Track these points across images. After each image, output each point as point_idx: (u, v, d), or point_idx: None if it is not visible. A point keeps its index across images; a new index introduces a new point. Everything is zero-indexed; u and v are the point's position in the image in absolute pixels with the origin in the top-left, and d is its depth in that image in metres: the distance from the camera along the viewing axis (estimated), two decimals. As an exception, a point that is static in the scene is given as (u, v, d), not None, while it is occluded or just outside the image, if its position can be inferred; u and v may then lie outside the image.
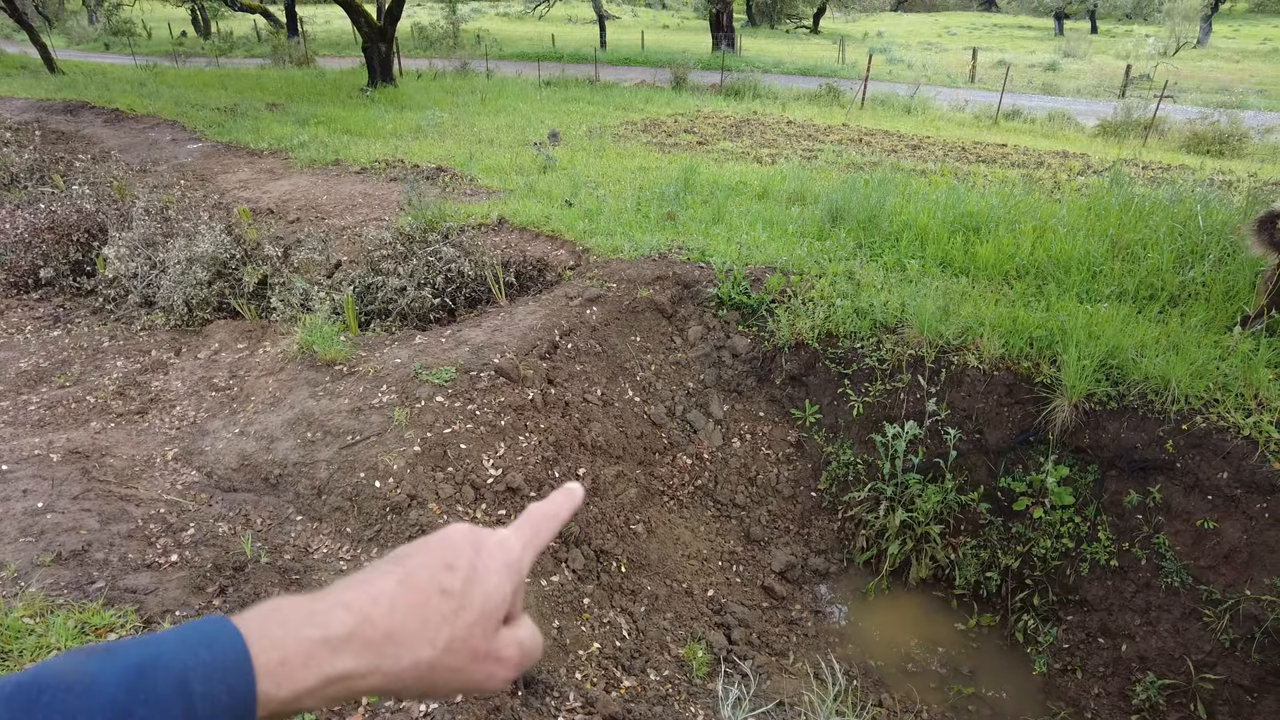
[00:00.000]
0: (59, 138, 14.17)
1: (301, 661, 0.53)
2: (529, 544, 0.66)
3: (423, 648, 0.57)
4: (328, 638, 0.54)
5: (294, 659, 0.53)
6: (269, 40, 31.06)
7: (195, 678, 0.50)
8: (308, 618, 0.55)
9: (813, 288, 6.53)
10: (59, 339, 7.29)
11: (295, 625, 0.54)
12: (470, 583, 0.60)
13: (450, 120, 14.79)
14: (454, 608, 0.59)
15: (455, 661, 0.59)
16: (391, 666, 0.56)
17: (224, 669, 0.51)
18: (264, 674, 0.52)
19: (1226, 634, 4.43)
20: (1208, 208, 7.01)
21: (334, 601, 0.56)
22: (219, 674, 0.51)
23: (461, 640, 0.59)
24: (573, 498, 0.71)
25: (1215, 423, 4.77)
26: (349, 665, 0.55)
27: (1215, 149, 14.64)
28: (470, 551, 0.62)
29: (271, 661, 0.52)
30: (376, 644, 0.56)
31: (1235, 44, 37.63)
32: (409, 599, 0.58)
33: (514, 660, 0.63)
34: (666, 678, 4.31)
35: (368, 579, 0.59)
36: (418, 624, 0.57)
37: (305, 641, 0.54)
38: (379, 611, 0.56)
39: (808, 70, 25.16)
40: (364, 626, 0.56)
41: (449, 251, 7.34)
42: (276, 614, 0.55)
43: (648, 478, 5.80)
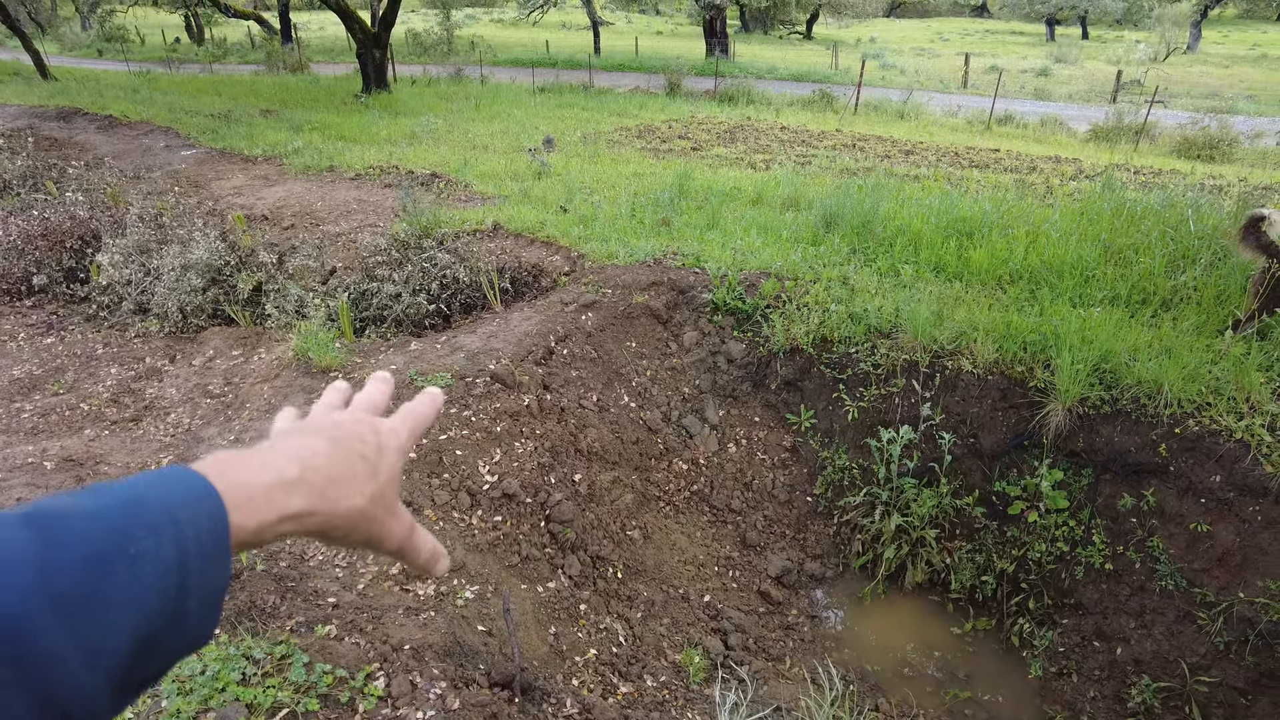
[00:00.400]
0: (52, 144, 14.14)
1: (264, 499, 0.61)
2: (412, 434, 0.78)
3: (355, 497, 0.67)
4: (282, 480, 0.62)
5: (257, 497, 0.60)
6: (263, 46, 31.05)
7: (179, 508, 0.55)
8: (262, 465, 0.63)
9: (807, 293, 6.55)
10: (52, 346, 7.27)
11: (253, 471, 0.62)
12: (379, 453, 0.71)
13: (445, 126, 14.80)
14: (371, 470, 0.70)
15: (374, 512, 0.69)
16: (331, 509, 0.65)
17: (200, 501, 0.57)
18: (233, 508, 0.58)
19: (1221, 637, 4.45)
20: (1199, 212, 7.06)
21: (280, 452, 0.65)
22: (198, 505, 0.57)
23: (379, 497, 0.70)
24: (436, 401, 0.83)
25: (1208, 426, 4.80)
26: (300, 504, 0.63)
27: (1206, 154, 14.74)
28: (373, 432, 0.73)
29: (239, 499, 0.59)
30: (320, 488, 0.65)
31: (1225, 49, 37.92)
32: (340, 456, 0.68)
33: (408, 525, 0.74)
34: (663, 683, 4.31)
35: (296, 441, 0.67)
36: (349, 476, 0.67)
37: (264, 483, 0.61)
38: (319, 462, 0.66)
39: (801, 76, 25.25)
40: (308, 473, 0.64)
41: (444, 258, 7.35)
42: (230, 463, 0.62)
43: (644, 483, 5.80)
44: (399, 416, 0.78)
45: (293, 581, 4.03)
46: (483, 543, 4.57)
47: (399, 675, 3.29)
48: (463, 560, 4.32)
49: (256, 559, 4.11)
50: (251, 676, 3.12)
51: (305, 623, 3.57)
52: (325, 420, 0.73)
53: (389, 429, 0.75)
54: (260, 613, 3.64)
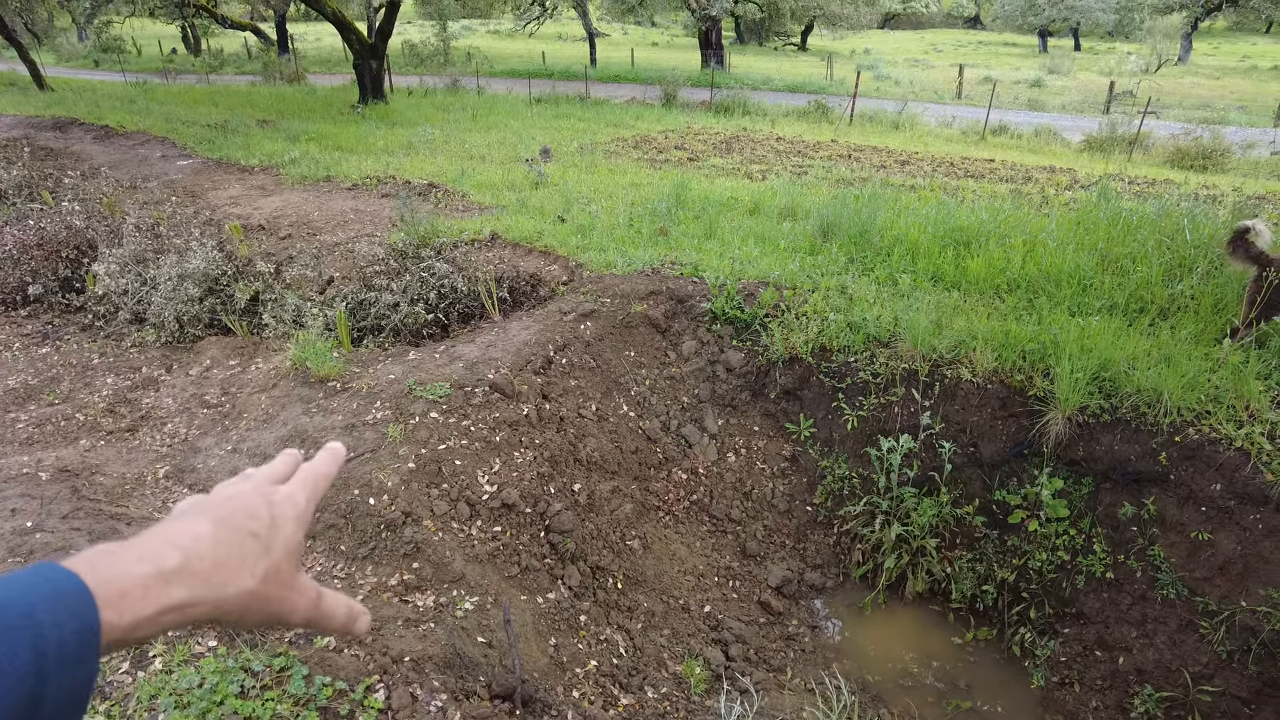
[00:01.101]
0: (48, 154, 14.11)
1: (140, 593, 0.58)
2: (310, 498, 0.75)
3: (245, 578, 0.65)
4: (160, 571, 0.60)
5: (133, 591, 0.58)
6: (260, 57, 31.10)
7: (41, 609, 0.52)
8: (139, 557, 0.60)
9: (806, 302, 6.55)
10: (48, 356, 7.23)
11: (128, 563, 0.59)
12: (272, 529, 0.69)
13: (441, 137, 14.81)
14: (263, 548, 0.67)
15: (269, 591, 0.67)
16: (217, 595, 0.63)
17: (66, 600, 0.54)
18: (105, 605, 0.56)
19: (1223, 645, 4.44)
20: (1194, 222, 7.09)
21: (159, 540, 0.62)
22: (63, 605, 0.54)
23: (273, 574, 0.67)
24: (337, 456, 0.81)
25: (1208, 434, 4.80)
26: (182, 595, 0.60)
27: (1199, 164, 14.83)
28: (265, 504, 0.70)
29: (111, 594, 0.57)
30: (204, 575, 0.62)
31: (1215, 61, 38.24)
32: (227, 539, 0.65)
33: (311, 596, 0.72)
34: (665, 695, 4.28)
35: (180, 525, 0.65)
36: (237, 559, 0.65)
37: (141, 576, 0.59)
38: (202, 547, 0.63)
39: (796, 87, 25.37)
40: (191, 560, 0.62)
41: (442, 267, 7.34)
42: (104, 556, 0.59)
43: (643, 493, 5.78)
44: (297, 480, 0.76)
45: (291, 593, 3.99)
46: (482, 553, 4.54)
47: (399, 687, 3.26)
48: (462, 571, 4.29)
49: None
50: (250, 689, 3.08)
51: (304, 635, 3.54)
52: (217, 498, 0.70)
53: (284, 497, 0.73)
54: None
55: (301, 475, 0.77)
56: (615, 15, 34.04)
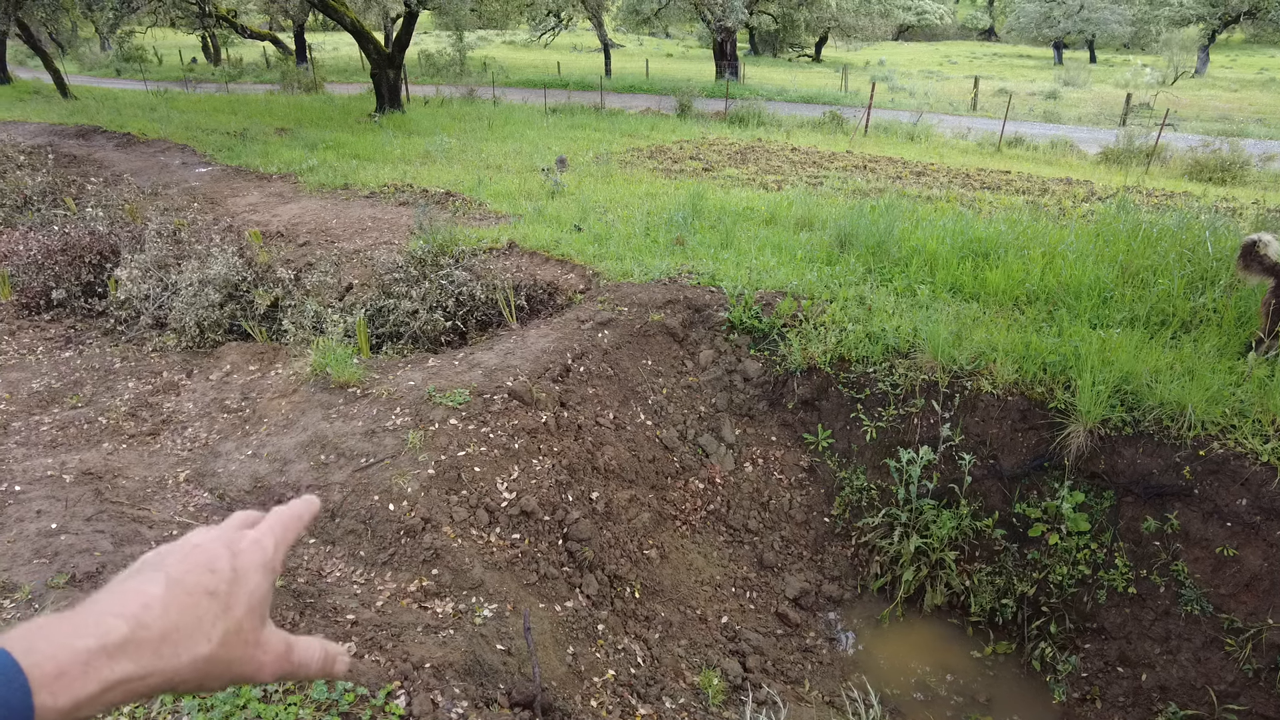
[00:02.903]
0: (71, 161, 14.29)
1: (80, 671, 0.54)
2: (279, 544, 0.70)
3: (200, 644, 0.60)
4: (104, 645, 0.55)
5: (71, 669, 0.53)
6: (278, 66, 31.44)
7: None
8: (76, 630, 0.55)
9: (824, 312, 6.54)
10: (70, 360, 7.30)
11: (66, 638, 0.55)
12: (234, 583, 0.64)
13: (458, 146, 14.91)
14: (222, 606, 0.62)
15: (230, 654, 0.62)
16: (169, 665, 0.58)
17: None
18: (40, 687, 0.52)
19: (1250, 664, 4.38)
20: (1216, 234, 7.04)
21: (103, 611, 0.58)
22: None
23: (234, 633, 0.62)
24: (311, 505, 0.76)
25: (1233, 449, 4.75)
26: (128, 669, 0.56)
27: (1218, 176, 14.73)
28: (227, 554, 0.65)
29: (47, 675, 0.52)
30: (153, 645, 0.58)
31: (1233, 74, 38.03)
32: (179, 601, 0.60)
33: (279, 651, 0.67)
34: (682, 706, 4.26)
35: (131, 587, 0.60)
36: (192, 623, 0.60)
37: (81, 652, 0.54)
38: (151, 616, 0.58)
39: (811, 98, 25.41)
40: (138, 631, 0.57)
41: (460, 275, 7.37)
42: (40, 631, 0.55)
43: (660, 502, 5.77)
44: (265, 525, 0.71)
45: (311, 598, 4.01)
46: (501, 560, 4.54)
47: (420, 694, 3.26)
48: (481, 578, 4.29)
49: (275, 575, 4.08)
50: (273, 694, 3.09)
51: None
52: (178, 549, 0.65)
53: (251, 543, 0.67)
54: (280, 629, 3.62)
55: (271, 519, 0.71)
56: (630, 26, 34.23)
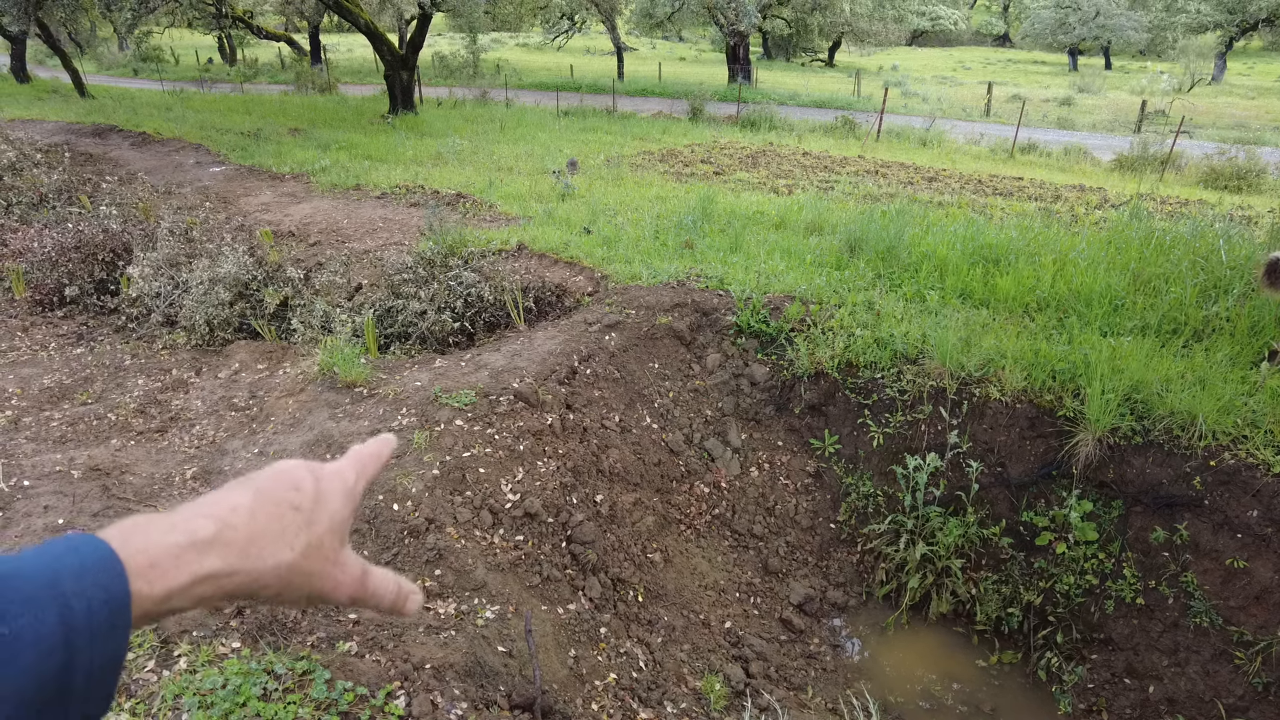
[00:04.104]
0: (87, 160, 14.43)
1: (172, 562, 0.57)
2: (360, 475, 0.73)
3: (282, 551, 0.63)
4: (194, 541, 0.59)
5: (164, 561, 0.57)
6: (292, 67, 31.65)
7: (66, 578, 0.52)
8: (170, 527, 0.59)
9: (832, 317, 6.51)
10: (82, 356, 7.36)
11: (159, 534, 0.58)
12: (317, 502, 0.67)
13: (470, 148, 14.96)
14: (304, 521, 0.65)
15: (311, 566, 0.65)
16: (254, 566, 0.61)
17: (95, 570, 0.54)
18: (136, 574, 0.55)
19: (1259, 677, 4.32)
20: (1230, 242, 6.97)
21: (193, 513, 0.61)
22: (90, 575, 0.53)
23: (315, 548, 0.65)
24: (390, 443, 0.80)
25: (1244, 459, 4.70)
26: (216, 565, 0.59)
27: (1233, 184, 14.59)
28: (311, 478, 0.68)
29: (142, 564, 0.56)
30: (239, 546, 0.61)
31: (1250, 81, 37.70)
32: (265, 509, 0.64)
33: (356, 574, 0.69)
34: (684, 711, 4.24)
35: (220, 496, 0.64)
36: (276, 531, 0.63)
37: (172, 546, 0.58)
38: (238, 519, 0.62)
39: (823, 103, 25.35)
40: (225, 531, 0.61)
41: (469, 276, 7.39)
42: (136, 527, 0.58)
43: (665, 506, 5.76)
44: (347, 459, 0.74)
45: (314, 596, 4.01)
46: (504, 562, 4.54)
47: (420, 695, 3.26)
48: (484, 579, 4.29)
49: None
50: (273, 692, 3.10)
51: (326, 639, 3.55)
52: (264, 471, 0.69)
53: (332, 472, 0.71)
54: (281, 627, 3.63)
55: (352, 454, 0.75)
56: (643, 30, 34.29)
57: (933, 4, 52.54)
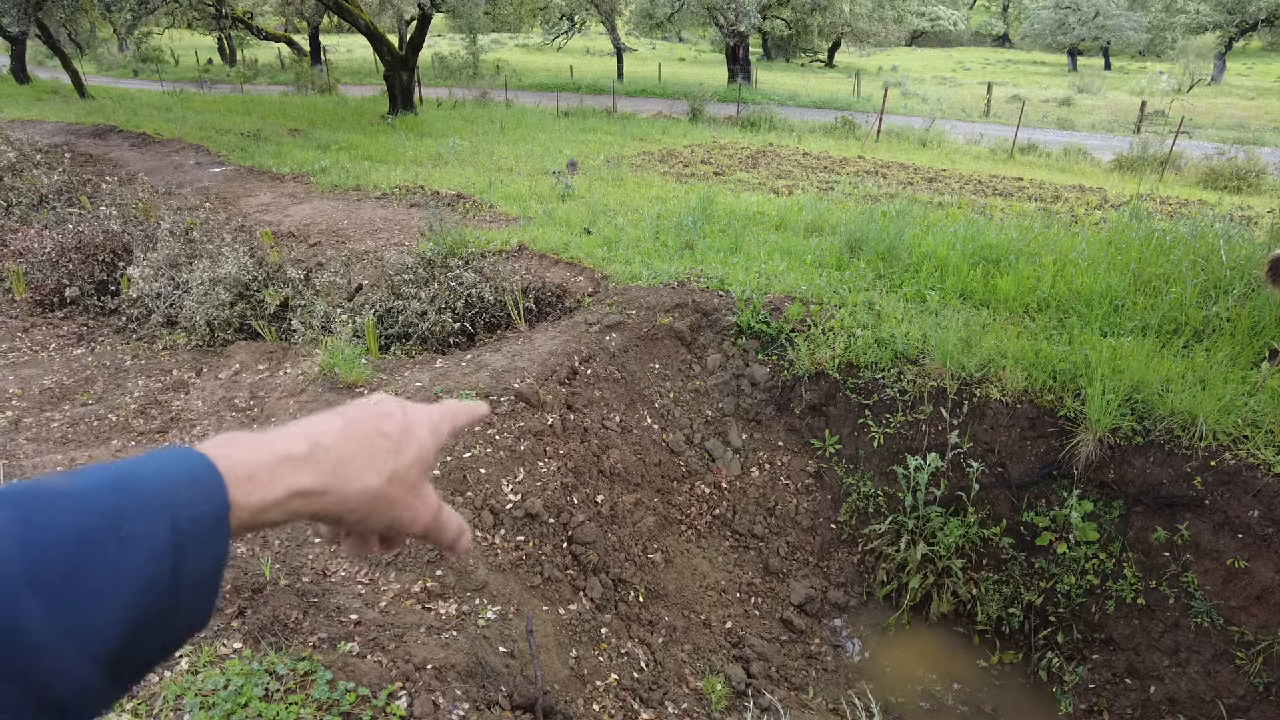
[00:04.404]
0: (87, 160, 14.42)
1: (268, 476, 0.59)
2: (446, 417, 0.76)
3: (370, 476, 0.65)
4: (289, 456, 0.61)
5: (260, 474, 0.59)
6: (292, 68, 31.66)
7: (176, 487, 0.54)
8: (265, 444, 0.61)
9: (832, 317, 6.52)
10: (82, 357, 7.36)
11: (256, 449, 0.60)
12: (404, 433, 0.70)
13: (470, 148, 14.96)
14: (393, 448, 0.68)
15: (395, 493, 0.67)
16: (343, 488, 0.63)
17: (198, 480, 0.56)
18: (234, 485, 0.57)
19: (1260, 677, 4.33)
20: (1230, 242, 6.97)
21: (287, 433, 0.64)
22: (196, 484, 0.55)
23: (400, 476, 0.68)
24: (483, 409, 0.84)
25: (1245, 459, 4.70)
26: (308, 482, 0.61)
27: (1233, 185, 14.60)
28: (400, 410, 0.71)
29: (240, 475, 0.58)
30: (331, 466, 0.63)
31: (1250, 81, 37.72)
32: (355, 435, 0.66)
33: (434, 506, 0.72)
34: (685, 711, 4.24)
35: (314, 419, 0.67)
36: (366, 456, 0.66)
37: (269, 460, 0.60)
38: (330, 440, 0.64)
39: (823, 103, 25.37)
40: (317, 451, 0.63)
41: (470, 277, 7.39)
42: (232, 443, 0.60)
43: (666, 506, 5.76)
44: (438, 405, 0.77)
45: (315, 597, 4.02)
46: (505, 562, 4.54)
47: (421, 695, 3.26)
48: (485, 580, 4.29)
49: (280, 574, 4.10)
50: (274, 693, 3.10)
51: (328, 639, 3.55)
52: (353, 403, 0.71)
53: (422, 408, 0.74)
54: (283, 628, 3.63)
55: (443, 403, 0.78)
56: (643, 30, 34.32)
57: (932, 4, 52.57)
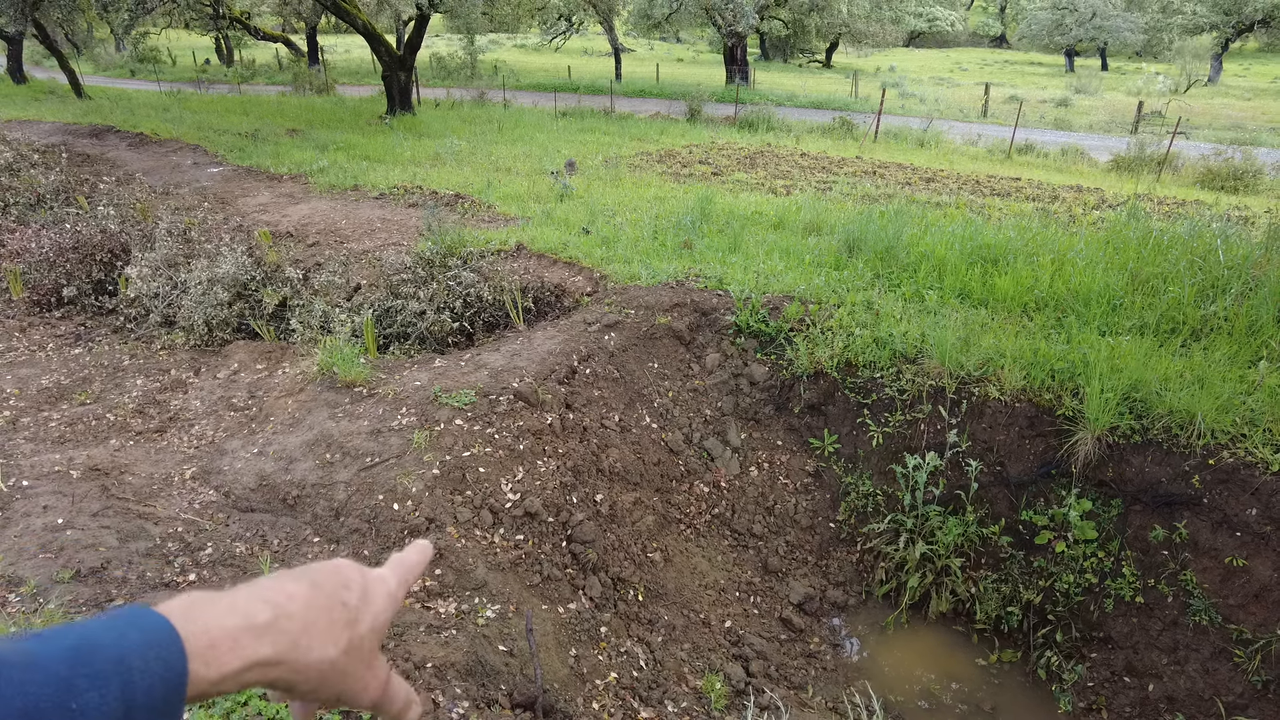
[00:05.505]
0: (84, 160, 14.40)
1: (229, 645, 0.58)
2: (402, 583, 0.75)
3: (328, 646, 0.64)
4: (251, 625, 0.59)
5: (222, 643, 0.57)
6: (290, 68, 31.61)
7: (132, 655, 0.52)
8: (230, 608, 0.59)
9: (831, 317, 6.52)
10: (80, 357, 7.34)
11: (220, 614, 0.59)
12: (364, 601, 0.69)
13: (468, 148, 14.95)
14: (351, 618, 0.67)
15: (348, 665, 0.66)
16: (302, 658, 0.62)
17: (157, 648, 0.54)
18: (194, 655, 0.56)
19: (1259, 675, 4.34)
20: (1227, 242, 6.98)
21: (251, 596, 0.62)
22: (154, 652, 0.54)
23: (356, 648, 0.66)
24: (428, 551, 0.81)
25: (1243, 458, 4.71)
26: (268, 652, 0.59)
27: (1230, 185, 14.63)
28: (360, 578, 0.70)
29: (201, 645, 0.56)
30: (293, 635, 0.61)
31: (1246, 82, 37.79)
32: (319, 603, 0.65)
33: (383, 678, 0.71)
34: (684, 709, 4.24)
35: (276, 583, 0.65)
36: (326, 624, 0.64)
37: (231, 628, 0.58)
38: (294, 607, 0.63)
39: (821, 104, 25.38)
40: (280, 620, 0.61)
41: (468, 276, 7.39)
42: (196, 605, 0.59)
43: (665, 505, 5.76)
44: (389, 565, 0.76)
45: (314, 596, 4.01)
46: (504, 561, 4.53)
47: (421, 693, 3.25)
48: (484, 579, 4.29)
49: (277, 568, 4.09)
50: (274, 691, 3.09)
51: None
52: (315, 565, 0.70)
53: (378, 576, 0.73)
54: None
55: (394, 561, 0.77)
56: (641, 31, 34.32)
57: (930, 5, 52.64)
